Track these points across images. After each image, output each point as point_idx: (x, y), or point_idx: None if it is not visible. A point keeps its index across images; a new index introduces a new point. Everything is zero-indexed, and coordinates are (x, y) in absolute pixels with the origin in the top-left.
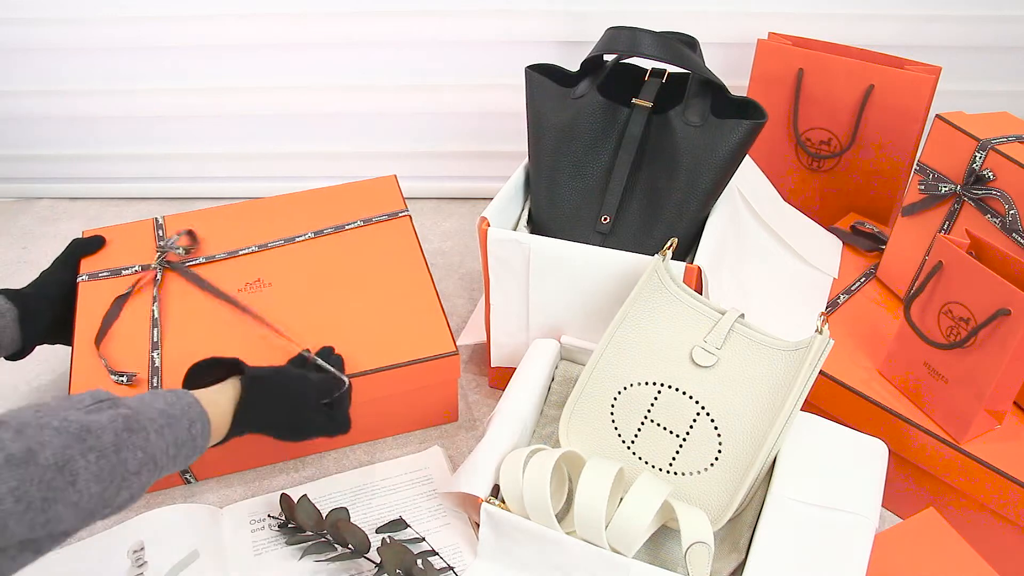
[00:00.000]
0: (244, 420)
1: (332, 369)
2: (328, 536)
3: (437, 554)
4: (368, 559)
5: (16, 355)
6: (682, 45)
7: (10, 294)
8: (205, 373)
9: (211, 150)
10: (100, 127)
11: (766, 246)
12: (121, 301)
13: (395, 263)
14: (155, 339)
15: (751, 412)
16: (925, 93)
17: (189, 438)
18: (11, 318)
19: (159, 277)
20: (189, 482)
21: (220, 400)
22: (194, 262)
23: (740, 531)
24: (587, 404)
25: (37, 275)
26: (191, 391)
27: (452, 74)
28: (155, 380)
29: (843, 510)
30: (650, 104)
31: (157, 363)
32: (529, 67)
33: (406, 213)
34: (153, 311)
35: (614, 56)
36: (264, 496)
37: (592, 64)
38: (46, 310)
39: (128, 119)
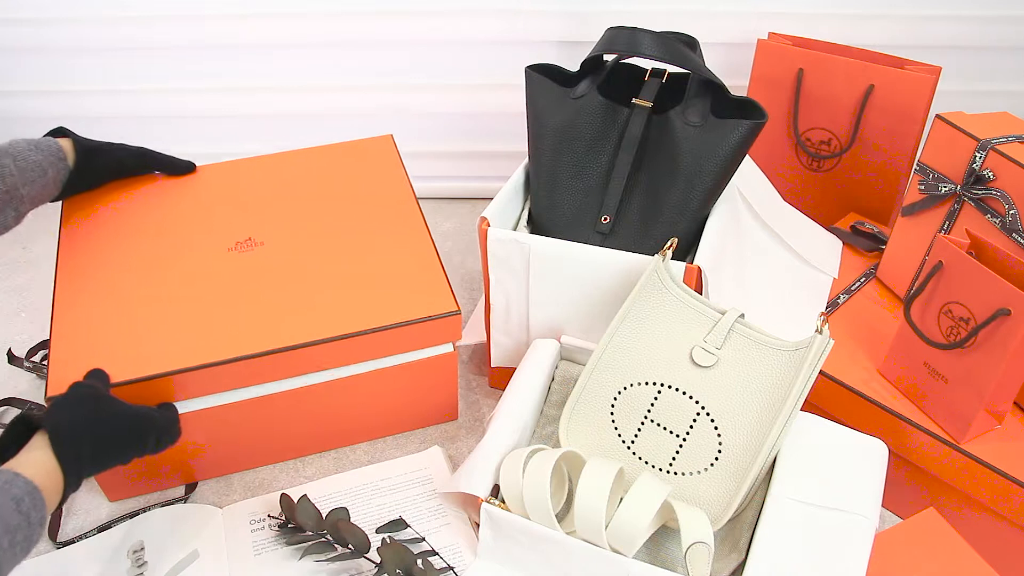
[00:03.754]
0: (75, 467)
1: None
2: (328, 536)
3: (437, 554)
4: (368, 559)
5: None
6: (682, 45)
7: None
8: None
9: (211, 150)
10: (100, 127)
11: (766, 246)
12: None
13: (390, 218)
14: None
15: (751, 412)
16: (925, 93)
17: (22, 520)
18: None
19: None
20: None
21: (37, 459)
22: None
23: (740, 531)
24: (587, 404)
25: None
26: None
27: (452, 74)
28: None
29: (843, 510)
30: (650, 104)
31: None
32: (529, 67)
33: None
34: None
35: (614, 56)
36: (264, 496)
37: (592, 64)
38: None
39: (128, 119)
